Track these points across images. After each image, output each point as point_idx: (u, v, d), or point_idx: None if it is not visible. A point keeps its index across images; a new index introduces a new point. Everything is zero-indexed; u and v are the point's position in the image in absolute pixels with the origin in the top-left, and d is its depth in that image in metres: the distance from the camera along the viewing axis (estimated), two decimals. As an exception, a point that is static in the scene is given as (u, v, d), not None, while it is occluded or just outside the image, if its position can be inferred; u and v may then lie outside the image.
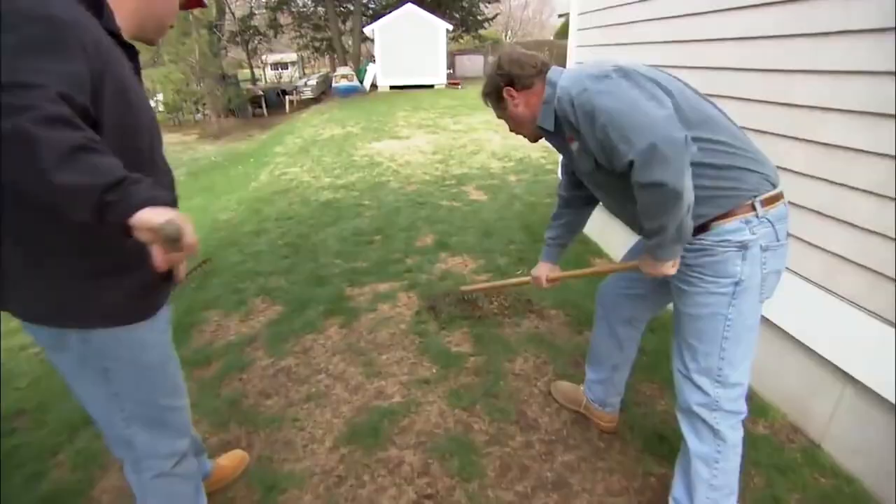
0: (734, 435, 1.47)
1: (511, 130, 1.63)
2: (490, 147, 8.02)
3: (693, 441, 1.50)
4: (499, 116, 1.62)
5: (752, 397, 2.21)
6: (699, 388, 1.45)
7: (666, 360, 1.81)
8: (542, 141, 1.61)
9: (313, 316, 3.02)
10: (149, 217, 0.78)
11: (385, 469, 1.91)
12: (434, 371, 2.47)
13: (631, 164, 1.18)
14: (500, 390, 2.31)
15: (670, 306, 1.60)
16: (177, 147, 9.60)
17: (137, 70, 1.10)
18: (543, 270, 1.90)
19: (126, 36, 1.05)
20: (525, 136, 1.62)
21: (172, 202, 0.86)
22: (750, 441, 1.94)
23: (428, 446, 2.01)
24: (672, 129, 1.15)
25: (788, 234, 1.38)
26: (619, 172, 1.26)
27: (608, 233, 3.60)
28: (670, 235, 1.26)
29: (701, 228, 1.34)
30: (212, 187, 6.86)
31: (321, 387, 2.39)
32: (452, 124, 10.58)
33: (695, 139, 1.21)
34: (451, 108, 13.26)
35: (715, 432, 1.45)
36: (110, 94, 0.93)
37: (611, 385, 2.00)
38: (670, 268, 1.37)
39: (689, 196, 1.20)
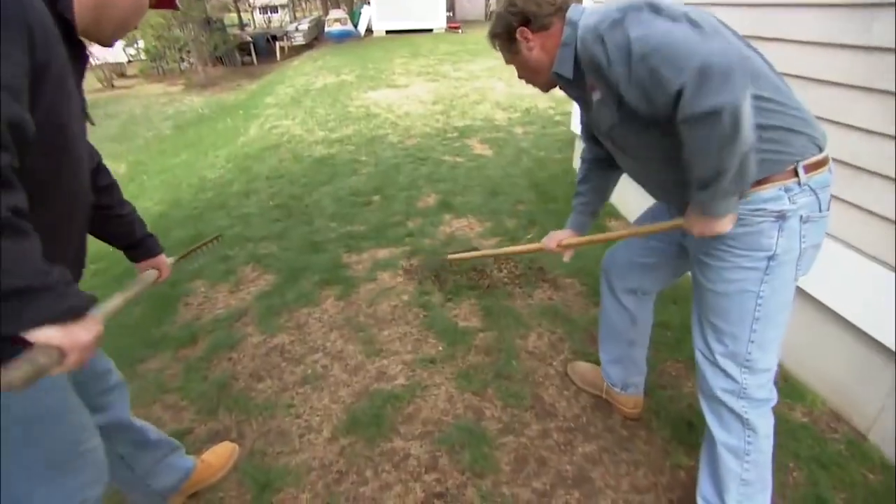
0: (765, 424, 1.33)
1: (520, 78, 1.40)
2: (494, 96, 7.60)
3: (719, 431, 1.36)
4: (508, 62, 1.39)
5: (786, 378, 2.05)
6: (725, 372, 1.31)
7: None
8: (553, 90, 1.39)
9: (308, 287, 2.83)
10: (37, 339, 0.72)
11: (389, 463, 1.76)
12: (440, 349, 2.29)
13: (678, 95, 0.97)
14: (512, 371, 2.14)
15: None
16: (161, 99, 9.14)
17: (81, 74, 0.95)
18: (560, 235, 1.70)
19: (77, 30, 0.89)
20: (536, 85, 1.40)
21: (81, 305, 0.77)
22: (787, 430, 1.80)
23: (436, 437, 1.85)
24: (725, 46, 0.96)
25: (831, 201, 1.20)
26: (650, 122, 1.09)
27: (625, 193, 3.35)
28: (728, 182, 1.05)
29: None
30: (199, 142, 6.53)
31: (318, 367, 2.23)
32: (453, 71, 10.05)
33: None
34: (451, 53, 12.62)
35: (744, 422, 1.32)
36: (47, 102, 0.79)
37: (630, 363, 1.83)
38: (727, 224, 1.16)
39: (749, 132, 0.99)
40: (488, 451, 1.78)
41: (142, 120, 8.67)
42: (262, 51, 19.94)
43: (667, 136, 1.09)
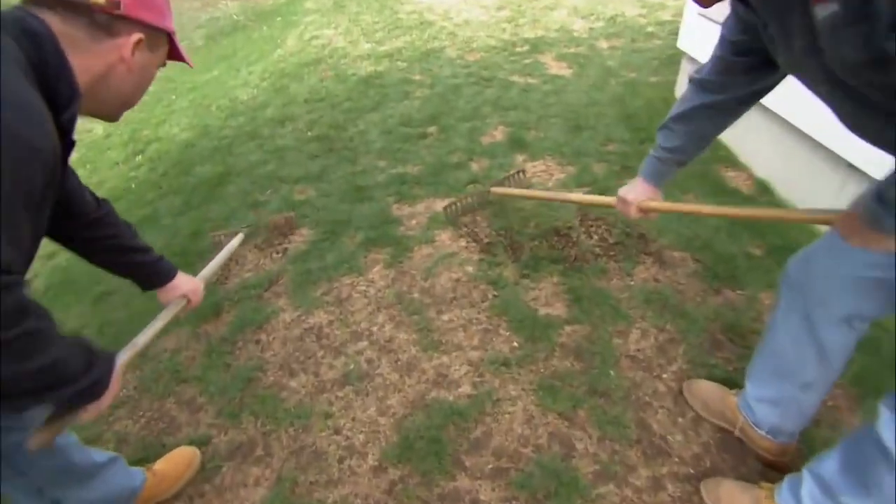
0: None
1: None
2: (570, 0, 6.55)
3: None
4: None
5: None
6: None
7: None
8: None
9: (351, 247, 2.41)
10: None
11: (453, 514, 1.40)
12: (515, 345, 1.86)
13: None
14: (610, 385, 1.69)
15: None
16: (195, 4, 8.53)
17: (64, 162, 0.90)
18: (639, 193, 1.39)
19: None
20: None
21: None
22: None
23: (512, 477, 1.47)
24: None
25: None
26: None
27: (752, 132, 2.65)
28: None
29: None
30: (232, 54, 6.01)
31: (362, 362, 1.86)
32: (520, -33, 8.81)
33: None
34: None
35: None
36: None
37: (794, 410, 1.35)
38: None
39: None
40: (583, 506, 1.38)
41: (173, 28, 8.18)
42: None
43: None
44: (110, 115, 0.96)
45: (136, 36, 0.86)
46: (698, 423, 1.59)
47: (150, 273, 1.28)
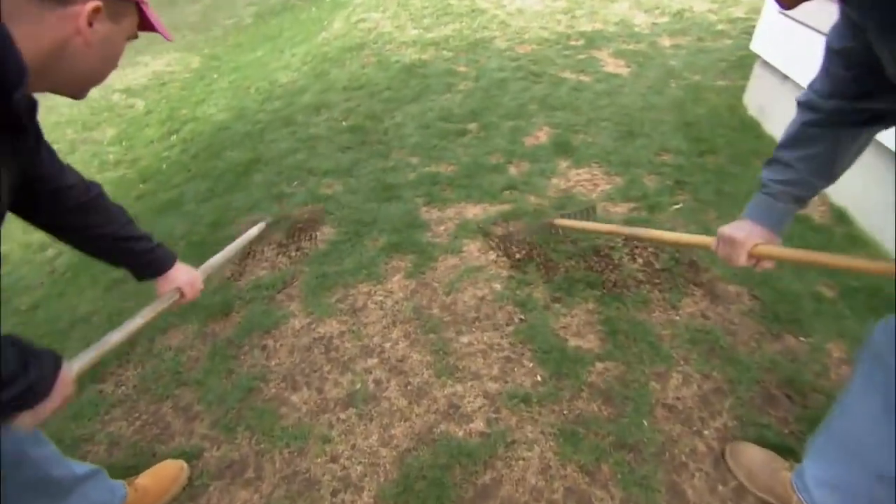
0: None
1: None
2: (634, -9, 6.21)
3: None
4: None
5: None
6: None
7: None
8: None
9: (372, 251, 2.30)
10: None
11: (448, 574, 1.27)
12: (539, 379, 1.70)
13: None
14: (642, 437, 1.51)
15: None
16: (249, -20, 8.65)
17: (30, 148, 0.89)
18: (750, 234, 1.10)
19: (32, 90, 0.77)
20: None
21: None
22: None
23: (520, 537, 1.32)
24: None
25: None
26: None
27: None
28: None
29: None
30: (278, 35, 6.00)
31: (369, 382, 1.74)
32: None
33: None
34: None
35: None
36: None
37: (861, 496, 1.14)
38: None
39: None
40: (599, 586, 1.22)
41: (224, 5, 8.27)
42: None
43: None
44: (74, 93, 0.86)
45: (93, 4, 0.74)
46: (741, 496, 1.39)
47: (143, 262, 1.20)
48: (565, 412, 1.60)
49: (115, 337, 1.08)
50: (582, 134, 3.13)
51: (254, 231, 1.86)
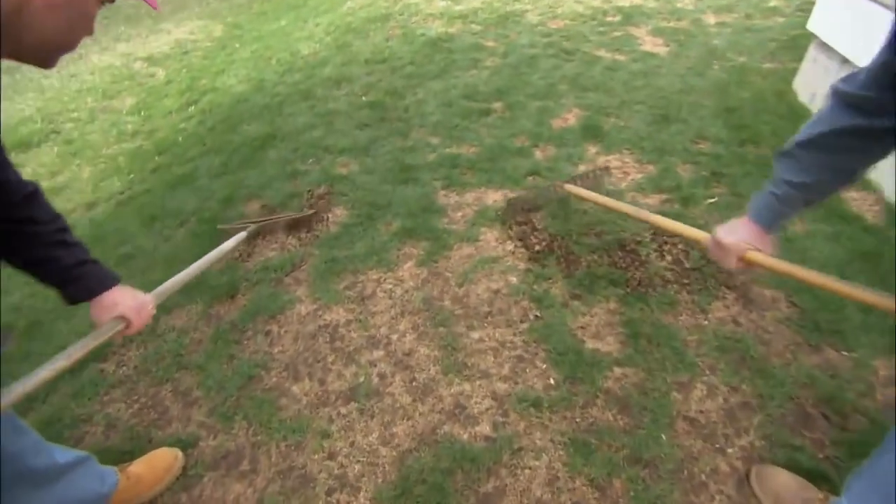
0: None
1: None
2: (680, -37, 5.87)
3: None
4: None
5: None
6: None
7: None
8: None
9: (384, 236, 2.22)
10: None
11: (443, 587, 1.21)
12: (552, 382, 1.62)
13: None
14: (659, 452, 1.42)
15: None
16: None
17: None
18: (742, 237, 1.05)
19: None
20: None
21: None
22: None
23: (522, 552, 1.25)
24: None
25: None
26: None
27: None
28: None
29: None
30: (303, 3, 5.87)
31: (373, 376, 1.68)
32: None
33: None
34: None
35: None
36: None
37: None
38: None
39: None
40: None
41: (251, -29, 8.16)
42: None
43: None
44: (41, 61, 0.79)
45: None
46: (766, 520, 1.30)
47: (75, 278, 1.01)
48: (578, 420, 1.51)
49: (42, 374, 0.95)
50: (614, 117, 2.97)
51: (230, 244, 1.73)
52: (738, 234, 1.05)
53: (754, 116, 2.82)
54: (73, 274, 1.00)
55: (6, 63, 0.75)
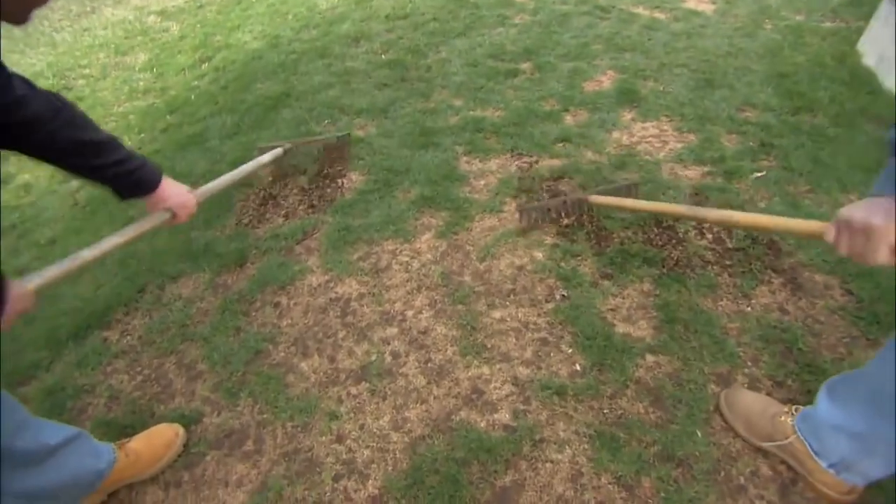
0: None
1: None
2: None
3: None
4: None
5: None
6: None
7: None
8: None
9: (402, 204, 2.11)
10: None
11: (455, 587, 1.14)
12: (578, 368, 1.51)
13: None
14: (694, 450, 1.32)
15: None
16: None
17: None
18: (890, 214, 0.76)
19: None
20: None
21: None
22: None
23: (541, 552, 1.18)
24: None
25: None
26: None
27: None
28: None
29: None
30: (323, -44, 5.65)
31: (386, 354, 1.60)
32: None
33: None
34: None
35: None
36: None
37: (882, 450, 1.05)
38: None
39: None
40: None
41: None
42: None
43: None
44: (11, 15, 0.77)
45: None
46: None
47: (123, 178, 1.11)
48: (605, 411, 1.41)
49: (87, 254, 1.06)
50: (652, 81, 2.77)
51: (266, 157, 1.78)
52: (885, 215, 0.76)
53: (810, 82, 2.59)
54: (124, 181, 1.10)
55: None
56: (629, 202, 1.67)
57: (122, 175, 1.09)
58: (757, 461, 1.30)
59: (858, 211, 0.80)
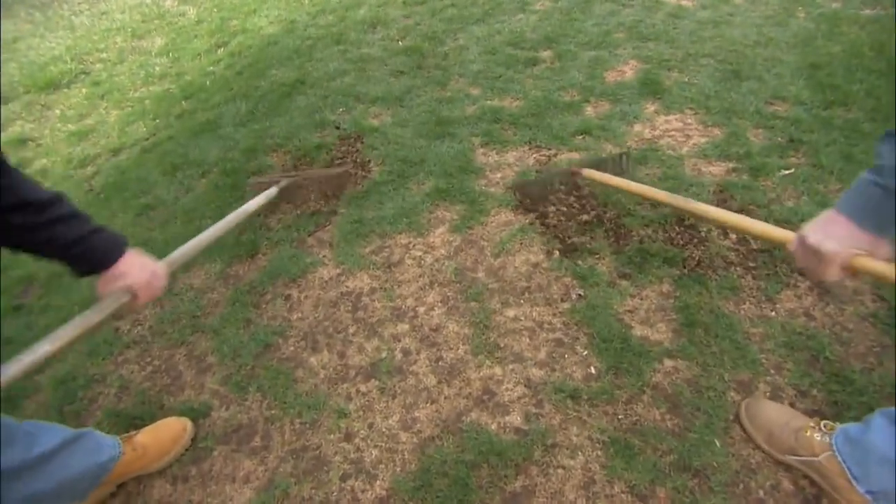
0: None
1: None
2: None
3: None
4: None
5: None
6: None
7: None
8: None
9: (416, 197, 2.07)
10: None
11: None
12: (593, 371, 1.47)
13: None
14: (712, 460, 1.28)
15: None
16: None
17: None
18: (845, 239, 0.82)
19: None
20: None
21: None
22: None
23: (550, 562, 1.15)
24: None
25: None
26: None
27: None
28: None
29: None
30: (342, -62, 5.57)
31: (397, 351, 1.57)
32: None
33: None
34: None
35: None
36: None
37: None
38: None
39: None
40: None
41: None
42: None
43: None
44: None
45: None
46: (832, 547, 1.15)
47: (77, 254, 0.92)
48: (620, 417, 1.37)
49: (44, 349, 0.88)
50: (676, 72, 2.68)
51: (260, 199, 1.67)
52: (839, 235, 0.82)
53: (845, 74, 2.48)
54: (74, 251, 0.91)
55: (39, -1, 0.61)
56: (616, 180, 1.63)
57: (74, 239, 0.90)
58: (778, 474, 1.25)
59: (815, 233, 0.85)
